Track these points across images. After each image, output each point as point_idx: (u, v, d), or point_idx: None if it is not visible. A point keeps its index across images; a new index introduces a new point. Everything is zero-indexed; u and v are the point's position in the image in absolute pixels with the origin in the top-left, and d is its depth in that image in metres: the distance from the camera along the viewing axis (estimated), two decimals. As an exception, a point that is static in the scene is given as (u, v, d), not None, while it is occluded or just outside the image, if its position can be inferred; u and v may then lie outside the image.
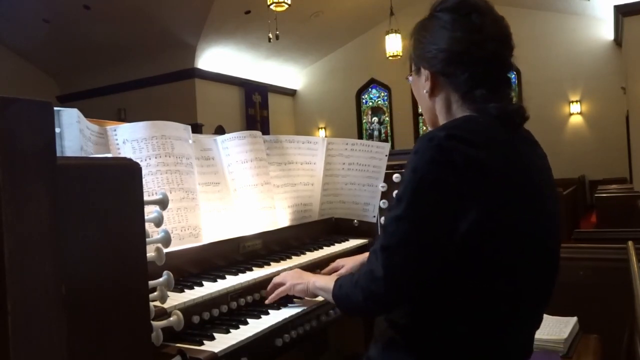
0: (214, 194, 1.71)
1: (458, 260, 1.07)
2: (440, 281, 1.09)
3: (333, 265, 1.75)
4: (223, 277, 1.44)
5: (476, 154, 1.06)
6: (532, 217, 1.12)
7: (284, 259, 1.70)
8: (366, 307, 1.17)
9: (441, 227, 1.06)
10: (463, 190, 1.05)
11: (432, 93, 1.25)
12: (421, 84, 1.27)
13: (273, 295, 1.46)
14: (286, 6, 7.45)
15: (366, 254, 1.69)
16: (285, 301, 1.49)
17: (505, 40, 1.20)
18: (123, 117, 11.46)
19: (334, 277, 1.36)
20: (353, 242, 2.07)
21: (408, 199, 1.06)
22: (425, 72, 1.25)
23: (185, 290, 1.31)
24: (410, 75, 1.34)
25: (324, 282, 1.38)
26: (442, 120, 1.25)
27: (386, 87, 13.45)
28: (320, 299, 1.50)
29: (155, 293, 1.10)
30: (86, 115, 1.33)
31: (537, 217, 1.13)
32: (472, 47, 1.15)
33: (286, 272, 1.53)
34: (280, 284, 1.48)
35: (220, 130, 11.18)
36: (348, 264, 1.71)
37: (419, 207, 1.06)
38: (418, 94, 1.32)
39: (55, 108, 0.91)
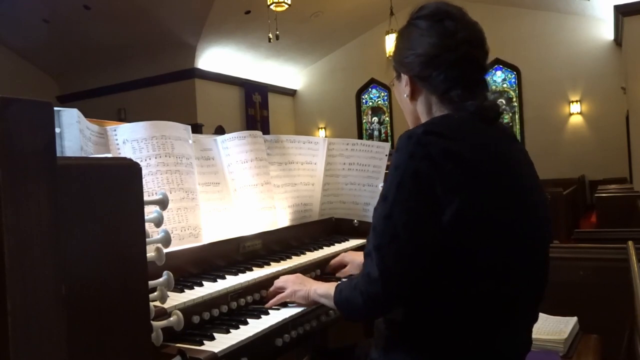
0: (214, 194, 1.71)
1: (445, 254, 1.09)
2: (432, 277, 1.10)
3: (337, 259, 1.78)
4: (223, 277, 1.44)
5: (453, 147, 1.10)
6: (515, 208, 1.14)
7: (284, 259, 1.70)
8: (366, 310, 1.18)
9: (427, 218, 1.08)
10: (442, 181, 1.07)
11: (413, 97, 1.30)
12: (402, 88, 1.33)
13: (274, 300, 1.46)
14: (286, 6, 7.45)
15: None
16: (285, 301, 1.49)
17: (478, 44, 1.25)
18: (123, 117, 11.47)
19: (334, 284, 1.36)
20: (353, 242, 2.07)
21: (393, 196, 1.10)
22: (404, 77, 1.30)
23: (185, 290, 1.31)
24: (392, 82, 1.40)
25: (325, 289, 1.39)
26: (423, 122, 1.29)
27: (386, 87, 13.45)
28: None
29: (155, 293, 1.10)
30: (86, 115, 1.33)
31: (520, 209, 1.15)
32: (445, 50, 1.21)
33: (288, 276, 1.53)
34: (282, 289, 1.48)
35: (220, 130, 11.18)
36: (353, 263, 1.73)
37: (403, 202, 1.09)
38: (400, 99, 1.37)
39: (55, 108, 0.91)
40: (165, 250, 1.11)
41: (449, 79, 1.21)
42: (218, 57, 11.35)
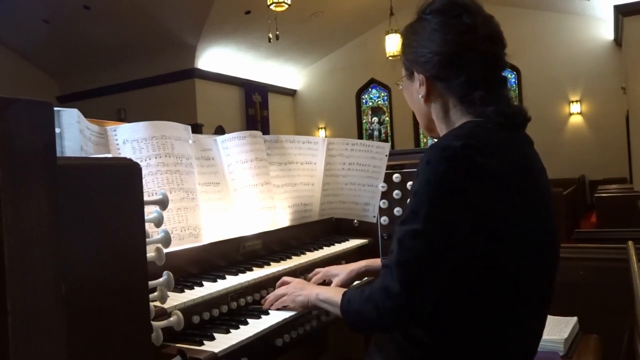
0: (214, 194, 1.71)
1: (474, 267, 1.07)
2: (456, 290, 1.08)
3: (320, 275, 1.65)
4: (223, 277, 1.43)
5: (490, 163, 1.05)
6: (540, 221, 1.13)
7: (284, 259, 1.70)
8: (380, 324, 1.13)
9: (459, 238, 1.04)
10: (479, 200, 1.04)
11: (428, 98, 1.22)
12: (415, 88, 1.25)
13: (276, 302, 1.43)
14: (286, 6, 7.45)
15: (355, 263, 1.67)
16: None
17: (498, 39, 1.18)
18: (123, 117, 11.46)
19: (340, 289, 1.32)
20: (353, 242, 2.07)
21: (425, 212, 1.03)
22: (419, 77, 1.22)
23: (185, 290, 1.30)
24: (401, 81, 1.31)
25: (329, 294, 1.33)
26: (438, 125, 1.24)
27: (386, 87, 13.44)
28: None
29: (155, 293, 1.10)
30: (86, 115, 1.33)
31: (543, 221, 1.14)
32: (466, 49, 1.14)
33: (290, 281, 1.50)
34: (282, 295, 1.45)
35: (220, 130, 11.18)
36: (342, 275, 1.62)
37: (437, 220, 1.04)
38: (411, 99, 1.29)
39: (55, 108, 0.91)
40: (165, 250, 1.11)
41: (470, 80, 1.14)
42: (218, 57, 11.35)
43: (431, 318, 1.12)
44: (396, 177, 2.12)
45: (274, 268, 1.60)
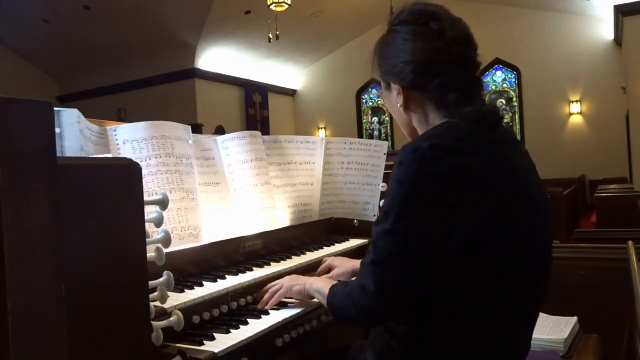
0: (214, 194, 1.71)
1: (455, 268, 1.07)
2: (439, 289, 1.09)
3: (325, 265, 1.72)
4: (223, 277, 1.44)
5: (462, 163, 1.05)
6: (523, 218, 1.11)
7: (284, 259, 1.70)
8: (357, 320, 1.18)
9: (432, 238, 1.04)
10: (451, 200, 1.04)
11: (406, 107, 1.24)
12: (393, 98, 1.26)
13: (273, 299, 1.45)
14: (286, 6, 7.47)
15: (359, 260, 1.68)
16: (284, 301, 1.49)
17: (468, 41, 1.20)
18: (123, 117, 11.47)
19: (331, 281, 1.35)
20: (353, 242, 2.07)
21: (396, 212, 1.05)
22: (395, 87, 1.24)
23: (185, 290, 1.31)
24: (381, 94, 1.34)
25: (321, 285, 1.37)
26: (420, 132, 1.25)
27: (386, 87, 13.44)
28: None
29: (155, 293, 1.10)
30: (86, 115, 1.33)
31: (527, 218, 1.13)
32: (436, 54, 1.15)
33: (281, 279, 1.53)
34: (277, 290, 1.47)
35: (220, 130, 11.19)
36: (342, 267, 1.68)
37: (407, 220, 1.05)
38: (392, 109, 1.31)
39: (55, 108, 0.91)
40: (165, 250, 1.11)
41: (444, 84, 1.15)
42: (218, 57, 11.35)
43: (415, 316, 1.14)
44: (396, 177, 2.11)
45: (274, 268, 1.60)
